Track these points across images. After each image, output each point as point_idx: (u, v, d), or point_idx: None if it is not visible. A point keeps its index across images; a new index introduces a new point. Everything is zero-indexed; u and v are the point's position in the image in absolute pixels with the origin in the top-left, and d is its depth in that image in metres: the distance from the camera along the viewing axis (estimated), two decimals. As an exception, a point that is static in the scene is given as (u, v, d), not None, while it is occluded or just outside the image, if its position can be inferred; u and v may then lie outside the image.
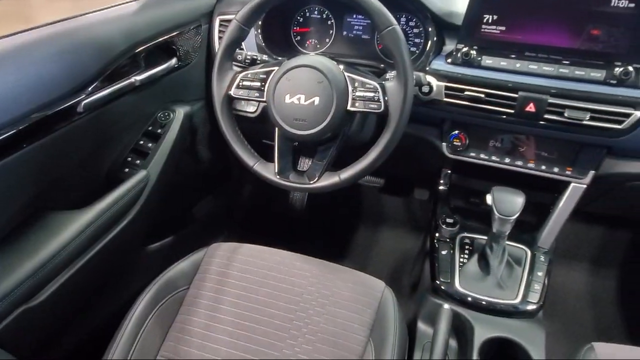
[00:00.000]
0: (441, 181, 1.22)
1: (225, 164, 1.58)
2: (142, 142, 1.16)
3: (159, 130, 1.17)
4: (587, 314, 1.46)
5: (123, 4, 1.09)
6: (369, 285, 0.98)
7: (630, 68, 0.89)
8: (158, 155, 1.14)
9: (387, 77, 0.95)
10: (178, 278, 1.00)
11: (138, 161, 1.13)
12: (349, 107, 0.91)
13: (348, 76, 0.91)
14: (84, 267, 0.96)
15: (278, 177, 0.97)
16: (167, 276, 0.99)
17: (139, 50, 1.05)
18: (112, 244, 1.03)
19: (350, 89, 0.90)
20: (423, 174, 1.31)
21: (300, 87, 0.90)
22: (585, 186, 1.02)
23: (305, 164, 1.03)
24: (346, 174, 0.92)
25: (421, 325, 1.06)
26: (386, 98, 0.88)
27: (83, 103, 0.94)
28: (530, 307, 1.00)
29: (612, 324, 1.44)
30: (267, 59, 1.16)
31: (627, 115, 0.90)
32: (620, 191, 1.06)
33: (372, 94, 0.89)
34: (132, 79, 1.05)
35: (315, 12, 1.25)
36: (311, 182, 0.95)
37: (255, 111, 1.24)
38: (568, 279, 1.54)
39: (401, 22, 1.15)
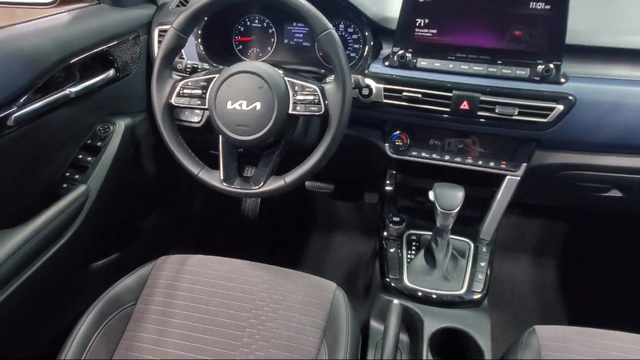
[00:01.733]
0: (387, 182, 1.25)
1: (173, 176, 1.55)
2: (80, 156, 1.12)
3: (99, 144, 1.14)
4: (532, 302, 1.53)
5: (55, 14, 1.06)
6: (321, 287, 0.99)
7: (551, 65, 0.95)
8: (99, 169, 1.11)
9: (327, 80, 0.97)
10: (124, 294, 0.97)
11: (77, 176, 1.09)
12: (290, 111, 0.92)
13: (288, 81, 0.93)
14: (21, 288, 0.91)
15: (224, 184, 0.96)
16: (112, 292, 0.96)
17: (73, 61, 1.02)
18: (51, 262, 0.99)
19: (290, 93, 0.92)
20: (370, 177, 1.34)
21: (241, 93, 0.91)
22: (519, 178, 1.08)
23: (250, 170, 1.03)
24: (291, 177, 0.93)
25: (373, 323, 1.08)
26: (326, 101, 0.91)
27: (14, 116, 0.90)
28: (475, 297, 1.04)
29: (556, 310, 1.51)
30: (208, 67, 1.16)
31: (551, 109, 0.96)
32: (551, 182, 1.13)
33: (312, 97, 0.91)
34: (67, 91, 1.02)
35: (256, 21, 1.26)
36: (257, 187, 0.95)
37: (200, 121, 1.23)
38: (513, 270, 1.61)
39: (340, 29, 1.18)
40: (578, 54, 0.99)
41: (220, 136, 0.97)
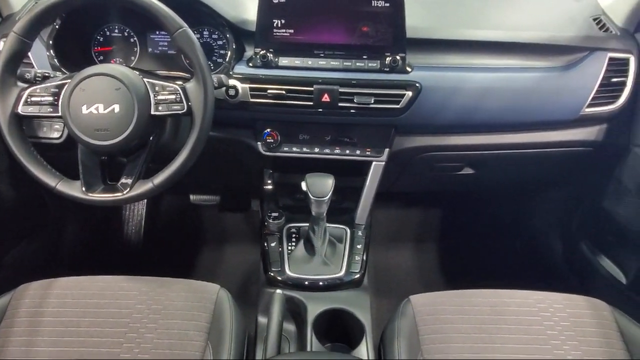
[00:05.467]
0: (268, 181, 1.27)
1: (38, 201, 1.42)
2: None
3: None
4: (416, 283, 1.64)
5: None
6: (203, 290, 0.98)
7: (398, 57, 1.05)
8: None
9: (189, 80, 0.98)
10: None
11: None
12: (152, 112, 0.91)
13: (147, 82, 0.92)
14: None
15: (87, 193, 0.92)
16: None
17: None
18: None
19: (151, 94, 0.91)
20: (252, 181, 1.34)
21: (97, 95, 0.88)
22: (383, 163, 1.16)
23: (116, 177, 0.99)
24: (159, 178, 0.92)
25: (261, 319, 1.08)
26: (189, 101, 0.91)
27: None
28: (354, 277, 1.09)
29: (437, 286, 1.63)
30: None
31: (402, 96, 1.06)
32: (413, 165, 1.23)
33: (174, 96, 0.91)
34: None
35: (116, 31, 1.22)
36: (124, 193, 0.92)
37: (61, 137, 1.15)
38: (397, 258, 1.72)
39: (204, 36, 1.19)
40: (420, 46, 1.10)
41: (79, 144, 0.92)
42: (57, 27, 1.12)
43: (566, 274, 1.49)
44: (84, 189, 0.92)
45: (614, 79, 1.12)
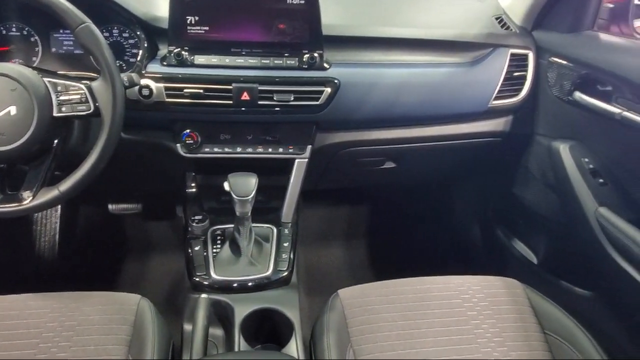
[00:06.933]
0: (190, 184, 1.22)
1: None
2: None
3: None
4: (348, 280, 1.66)
5: None
6: (122, 301, 0.92)
7: (315, 54, 1.06)
8: None
9: (95, 79, 0.92)
10: None
11: None
12: (55, 114, 0.86)
13: (48, 81, 0.86)
14: None
15: None
16: None
17: None
18: None
19: (53, 94, 0.86)
20: (176, 185, 1.29)
21: None
22: (306, 160, 1.16)
23: (18, 186, 0.91)
24: (65, 185, 0.86)
25: (186, 326, 1.04)
26: (96, 101, 0.87)
27: None
28: (282, 275, 1.07)
29: (366, 281, 1.67)
30: None
31: (321, 92, 1.07)
32: (336, 161, 1.24)
33: (78, 96, 0.87)
34: None
35: (14, 29, 1.12)
36: (26, 202, 0.85)
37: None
38: (329, 257, 1.73)
39: (114, 34, 1.13)
40: (337, 43, 1.12)
41: None
42: None
43: (485, 258, 1.58)
44: None
45: (516, 73, 1.20)
